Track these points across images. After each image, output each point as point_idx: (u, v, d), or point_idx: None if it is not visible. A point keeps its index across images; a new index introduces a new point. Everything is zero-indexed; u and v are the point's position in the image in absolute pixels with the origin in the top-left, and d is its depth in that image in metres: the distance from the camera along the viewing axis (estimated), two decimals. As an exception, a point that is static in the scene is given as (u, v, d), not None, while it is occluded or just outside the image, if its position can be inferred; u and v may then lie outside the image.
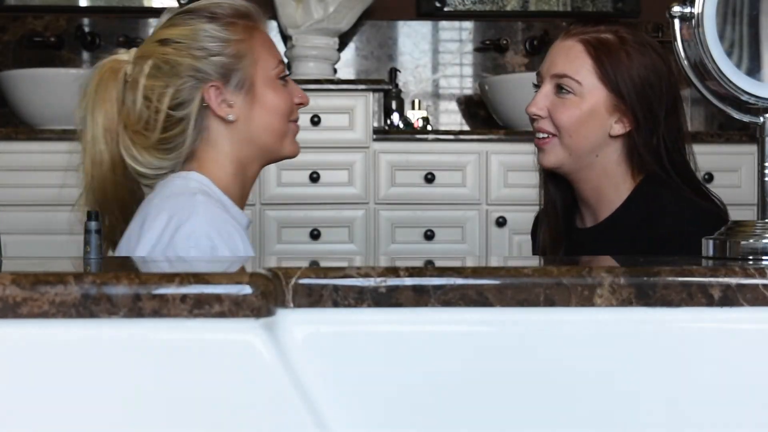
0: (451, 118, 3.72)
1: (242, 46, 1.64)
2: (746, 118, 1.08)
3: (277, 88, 1.67)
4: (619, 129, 1.74)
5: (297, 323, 0.86)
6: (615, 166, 1.76)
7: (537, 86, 1.82)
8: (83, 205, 1.66)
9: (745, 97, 1.05)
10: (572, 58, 1.75)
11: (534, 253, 1.98)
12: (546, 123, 1.77)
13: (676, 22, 1.06)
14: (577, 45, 1.75)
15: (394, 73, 3.56)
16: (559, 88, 1.75)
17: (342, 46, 3.59)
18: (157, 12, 3.64)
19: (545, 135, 1.77)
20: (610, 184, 1.76)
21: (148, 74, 1.62)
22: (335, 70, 3.50)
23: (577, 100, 1.74)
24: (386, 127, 3.38)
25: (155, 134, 1.62)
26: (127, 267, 1.08)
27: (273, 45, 1.70)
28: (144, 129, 1.62)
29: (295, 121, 1.71)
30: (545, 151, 1.77)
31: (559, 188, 1.85)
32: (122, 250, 1.61)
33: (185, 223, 1.54)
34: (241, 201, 1.69)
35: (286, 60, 3.59)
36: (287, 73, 1.71)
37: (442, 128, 3.61)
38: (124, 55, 1.67)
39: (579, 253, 1.80)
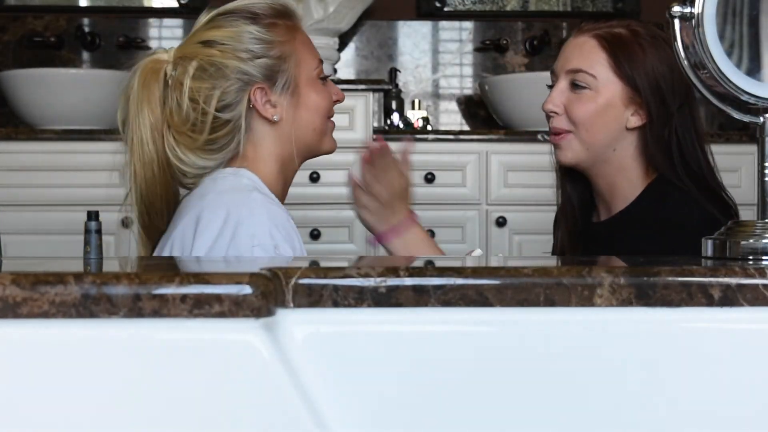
0: (451, 118, 3.72)
1: (286, 47, 1.66)
2: (746, 118, 1.08)
3: (319, 87, 1.70)
4: (635, 121, 1.74)
5: (297, 323, 0.86)
6: (631, 160, 1.76)
7: (551, 86, 1.82)
8: (131, 205, 1.68)
9: (745, 97, 1.05)
10: (586, 53, 1.75)
11: (553, 252, 1.98)
12: (562, 120, 1.77)
13: (676, 22, 1.06)
14: (590, 40, 1.76)
15: (394, 73, 3.56)
16: (574, 84, 1.75)
17: (342, 46, 3.59)
18: (157, 12, 3.64)
19: (561, 131, 1.77)
20: (625, 179, 1.77)
21: (193, 76, 1.62)
22: (335, 70, 3.50)
23: (593, 94, 1.74)
24: (386, 127, 3.39)
25: (203, 136, 1.63)
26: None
27: (312, 44, 1.72)
28: (190, 131, 1.63)
29: (331, 117, 1.74)
30: (562, 147, 1.77)
31: (576, 186, 1.86)
32: (175, 248, 1.59)
33: (245, 221, 1.54)
34: (283, 198, 1.71)
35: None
36: (326, 73, 1.74)
37: (442, 128, 3.62)
38: (164, 55, 1.67)
39: (593, 246, 1.81)
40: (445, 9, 3.68)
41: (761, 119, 1.06)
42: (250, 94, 1.63)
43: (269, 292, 0.84)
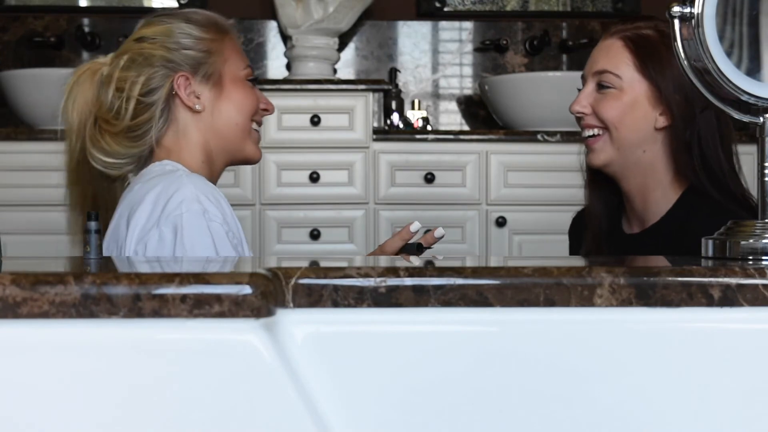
0: (451, 118, 3.72)
1: (213, 44, 1.74)
2: (746, 118, 1.08)
3: (245, 87, 1.77)
4: (662, 122, 1.75)
5: (297, 323, 0.86)
6: (661, 163, 1.76)
7: (581, 90, 1.84)
8: (71, 205, 1.79)
9: (745, 97, 1.05)
10: (612, 55, 1.77)
11: (571, 253, 1.97)
12: (592, 119, 1.78)
13: (676, 22, 1.06)
14: (616, 42, 1.78)
15: (394, 73, 3.56)
16: (600, 85, 1.77)
17: (342, 46, 3.59)
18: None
19: (595, 133, 1.78)
20: (657, 185, 1.77)
21: (122, 67, 1.72)
22: (335, 70, 3.50)
23: (618, 93, 1.76)
24: (386, 127, 3.38)
25: (124, 121, 1.70)
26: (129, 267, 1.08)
27: (242, 52, 1.81)
28: (114, 118, 1.71)
29: (258, 125, 1.80)
30: (595, 150, 1.78)
31: (603, 191, 1.86)
32: (110, 243, 1.67)
33: (174, 194, 1.60)
34: None
35: (286, 60, 3.59)
36: (255, 77, 1.81)
37: (442, 128, 3.62)
38: (103, 59, 1.79)
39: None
40: (445, 9, 3.68)
41: (761, 119, 1.06)
42: (174, 81, 1.71)
43: (269, 292, 0.84)
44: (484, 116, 3.65)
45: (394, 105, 3.47)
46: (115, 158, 1.73)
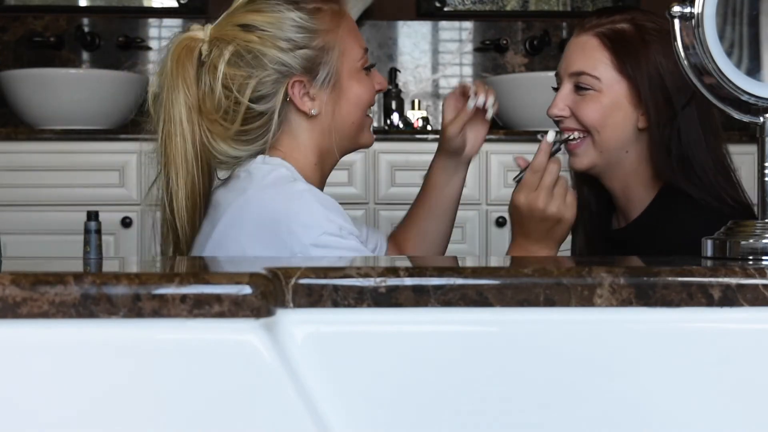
0: (451, 118, 3.71)
1: (329, 37, 1.56)
2: (746, 118, 1.08)
3: (362, 79, 1.60)
4: (644, 121, 1.68)
5: (297, 323, 0.86)
6: (644, 163, 1.71)
7: (556, 89, 1.76)
8: (161, 188, 1.56)
9: (745, 97, 1.05)
10: (588, 54, 1.70)
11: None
12: (571, 122, 1.71)
13: (676, 22, 1.06)
14: (591, 39, 1.70)
15: (394, 73, 3.56)
16: (578, 87, 1.70)
17: (342, 46, 3.59)
18: (157, 12, 3.64)
19: (576, 136, 1.71)
20: (639, 182, 1.72)
21: (229, 61, 1.53)
22: (335, 70, 3.49)
23: (597, 95, 1.68)
24: (386, 127, 3.38)
25: (234, 126, 1.53)
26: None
27: (358, 32, 1.61)
28: (222, 119, 1.54)
29: (371, 107, 1.64)
30: (578, 154, 1.71)
31: (593, 192, 1.81)
32: (219, 249, 1.50)
33: (297, 215, 1.45)
34: (321, 188, 1.62)
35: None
36: (371, 62, 1.63)
37: (442, 128, 3.61)
38: (200, 33, 1.57)
39: (613, 254, 1.76)
40: (445, 9, 3.68)
41: (761, 119, 1.06)
42: (288, 87, 1.54)
43: (269, 292, 0.84)
44: (484, 116, 3.65)
45: (394, 105, 3.47)
46: (224, 156, 1.56)
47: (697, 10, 1.04)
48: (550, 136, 1.64)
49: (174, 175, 1.54)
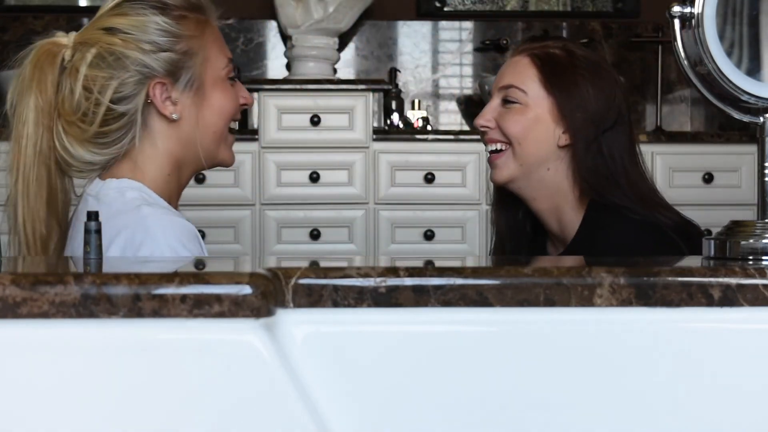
0: (451, 118, 3.72)
1: (194, 42, 1.56)
2: (746, 118, 1.08)
3: (226, 88, 1.59)
4: (565, 139, 1.75)
5: (297, 323, 0.86)
6: (567, 182, 1.76)
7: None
8: (8, 206, 1.54)
9: (745, 97, 1.05)
10: (519, 70, 1.78)
11: None
12: (495, 133, 1.79)
13: (676, 22, 1.06)
14: (524, 58, 1.79)
15: (394, 73, 3.56)
16: (506, 100, 1.78)
17: (342, 46, 3.59)
18: (157, 12, 3.64)
19: (498, 148, 1.78)
20: (566, 204, 1.76)
21: (91, 63, 1.53)
22: (335, 70, 3.50)
23: (522, 108, 1.76)
24: (386, 127, 3.38)
25: (93, 127, 1.52)
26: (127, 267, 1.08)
27: (223, 42, 1.62)
28: (80, 120, 1.52)
29: (234, 122, 1.63)
30: (498, 166, 1.77)
31: (528, 216, 1.84)
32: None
33: (142, 247, 1.45)
34: (176, 200, 1.61)
35: (286, 60, 3.59)
36: (235, 72, 1.64)
37: (442, 128, 3.62)
38: (63, 39, 1.58)
39: None
40: (445, 9, 3.68)
41: (761, 119, 1.06)
42: (149, 89, 1.53)
43: (269, 292, 0.84)
44: (484, 116, 3.65)
45: (394, 105, 3.47)
46: (79, 162, 1.54)
47: (697, 10, 1.04)
48: None
49: (16, 180, 1.53)
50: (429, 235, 3.19)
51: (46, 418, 0.83)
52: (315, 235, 3.18)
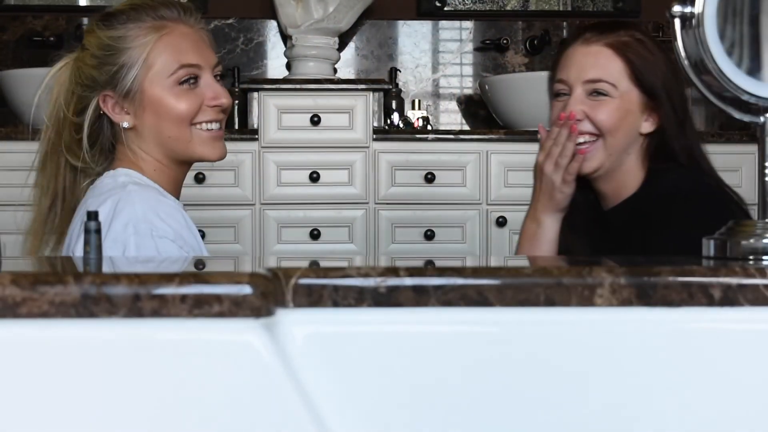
0: (451, 117, 3.72)
1: (135, 52, 1.67)
2: (747, 118, 1.07)
3: (175, 93, 1.67)
4: (647, 127, 1.82)
5: (297, 323, 0.86)
6: (638, 163, 1.83)
7: (557, 95, 1.87)
8: (37, 189, 1.84)
9: (745, 97, 1.05)
10: (603, 63, 1.81)
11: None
12: (585, 125, 1.81)
13: (677, 21, 1.06)
14: (604, 49, 1.82)
15: (394, 72, 3.56)
16: (594, 93, 1.81)
17: (342, 46, 3.59)
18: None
19: (587, 140, 1.81)
20: (629, 179, 1.84)
21: (69, 78, 1.72)
22: (335, 70, 3.49)
23: (613, 100, 1.80)
24: (386, 127, 3.38)
25: (64, 134, 1.71)
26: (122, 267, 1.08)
27: (184, 48, 1.69)
28: (61, 128, 1.72)
29: (209, 122, 1.70)
30: (588, 158, 1.82)
31: (581, 191, 1.89)
32: (66, 253, 1.68)
33: (119, 214, 1.58)
34: (176, 196, 1.73)
35: (286, 60, 3.59)
36: (192, 76, 1.69)
37: (442, 128, 3.61)
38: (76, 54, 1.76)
39: (609, 233, 1.86)
40: (445, 8, 3.68)
41: (761, 119, 1.06)
42: (99, 101, 1.68)
43: (269, 292, 0.84)
44: (484, 116, 3.65)
45: (394, 105, 3.47)
46: (78, 162, 1.72)
47: (697, 9, 1.04)
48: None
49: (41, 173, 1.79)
50: (429, 235, 3.19)
51: (46, 418, 0.83)
52: (315, 234, 3.17)
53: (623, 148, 1.82)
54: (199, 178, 3.07)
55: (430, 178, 3.19)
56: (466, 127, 3.68)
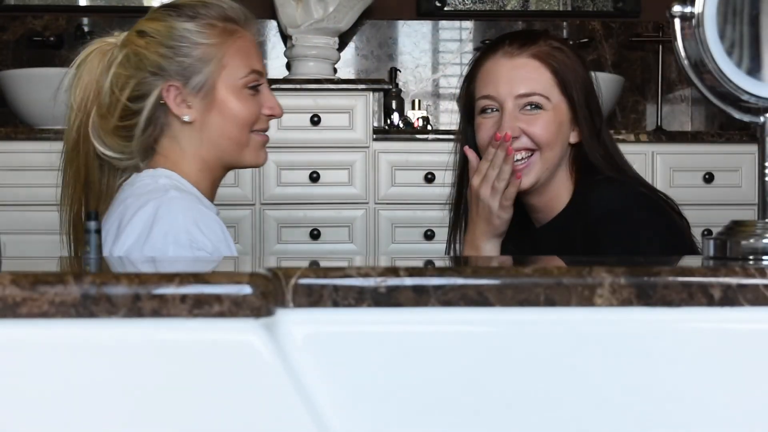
0: (451, 117, 3.72)
1: (212, 50, 1.65)
2: (746, 118, 1.07)
3: (242, 97, 1.67)
4: (574, 137, 1.79)
5: (297, 323, 0.86)
6: (566, 174, 1.81)
7: (483, 111, 1.81)
8: (63, 185, 1.77)
9: (745, 97, 1.05)
10: (534, 76, 1.77)
11: None
12: (523, 141, 1.76)
13: (677, 21, 1.06)
14: (531, 61, 1.77)
15: (394, 72, 3.56)
16: (527, 106, 1.76)
17: (342, 46, 3.59)
18: (156, 12, 3.64)
19: (524, 156, 1.76)
20: (559, 192, 1.80)
21: (120, 62, 1.66)
22: (335, 70, 3.49)
23: (548, 113, 1.76)
24: (386, 127, 3.38)
25: (113, 120, 1.65)
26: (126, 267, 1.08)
27: (252, 53, 1.70)
28: (107, 113, 1.66)
29: (263, 131, 1.72)
30: (527, 173, 1.76)
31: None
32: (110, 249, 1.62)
33: (160, 220, 1.56)
34: (212, 197, 1.72)
35: (285, 59, 3.59)
36: (259, 83, 1.71)
37: (442, 128, 3.61)
38: (112, 39, 1.71)
39: (538, 250, 1.84)
40: (445, 8, 3.68)
41: (761, 119, 1.06)
42: (162, 90, 1.64)
43: (269, 292, 0.84)
44: (484, 116, 3.65)
45: (394, 105, 3.47)
46: (111, 151, 1.68)
47: (697, 9, 1.04)
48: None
49: (63, 159, 1.76)
50: (429, 235, 3.19)
51: (46, 418, 0.83)
52: (315, 234, 3.17)
53: (557, 161, 1.78)
54: (199, 178, 3.07)
55: (429, 179, 3.19)
56: (466, 127, 3.67)
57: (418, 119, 3.48)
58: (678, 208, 1.81)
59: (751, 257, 1.01)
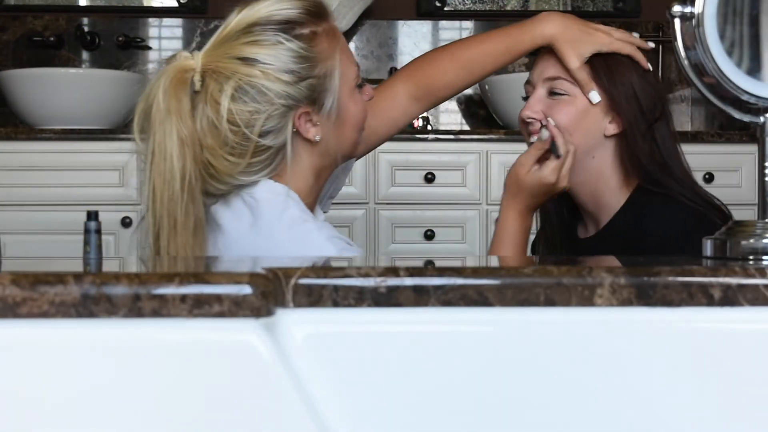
0: (451, 117, 3.72)
1: (329, 63, 1.54)
2: (746, 118, 1.07)
3: (356, 98, 1.59)
4: (612, 129, 1.76)
5: (297, 323, 0.86)
6: (610, 168, 1.78)
7: (525, 98, 1.85)
8: (151, 240, 1.46)
9: (745, 97, 1.05)
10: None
11: None
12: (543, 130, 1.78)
13: (677, 21, 1.06)
14: None
15: (394, 72, 3.55)
16: (553, 92, 1.78)
17: (342, 46, 3.58)
18: (157, 12, 3.64)
19: (546, 136, 1.77)
20: (607, 189, 1.78)
21: (232, 97, 1.49)
22: (335, 70, 3.49)
23: (572, 99, 1.76)
24: (386, 127, 3.38)
25: (245, 160, 1.51)
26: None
27: (348, 48, 1.60)
28: (229, 154, 1.51)
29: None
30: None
31: (555, 205, 1.87)
32: None
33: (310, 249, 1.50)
34: (315, 202, 1.66)
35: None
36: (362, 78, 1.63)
37: (442, 128, 3.61)
38: (190, 61, 1.51)
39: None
40: (445, 9, 3.68)
41: (761, 119, 1.06)
42: (295, 119, 1.52)
43: (269, 292, 0.84)
44: (484, 116, 3.65)
45: (394, 105, 3.46)
46: (226, 187, 1.54)
47: (697, 9, 1.04)
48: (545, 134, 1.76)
49: (161, 215, 1.47)
50: (429, 235, 3.19)
51: (46, 419, 0.83)
52: (315, 234, 3.17)
53: (584, 149, 1.75)
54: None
55: (430, 178, 3.19)
56: (466, 127, 3.68)
57: (418, 119, 3.48)
58: (730, 213, 1.77)
59: (751, 257, 1.01)
